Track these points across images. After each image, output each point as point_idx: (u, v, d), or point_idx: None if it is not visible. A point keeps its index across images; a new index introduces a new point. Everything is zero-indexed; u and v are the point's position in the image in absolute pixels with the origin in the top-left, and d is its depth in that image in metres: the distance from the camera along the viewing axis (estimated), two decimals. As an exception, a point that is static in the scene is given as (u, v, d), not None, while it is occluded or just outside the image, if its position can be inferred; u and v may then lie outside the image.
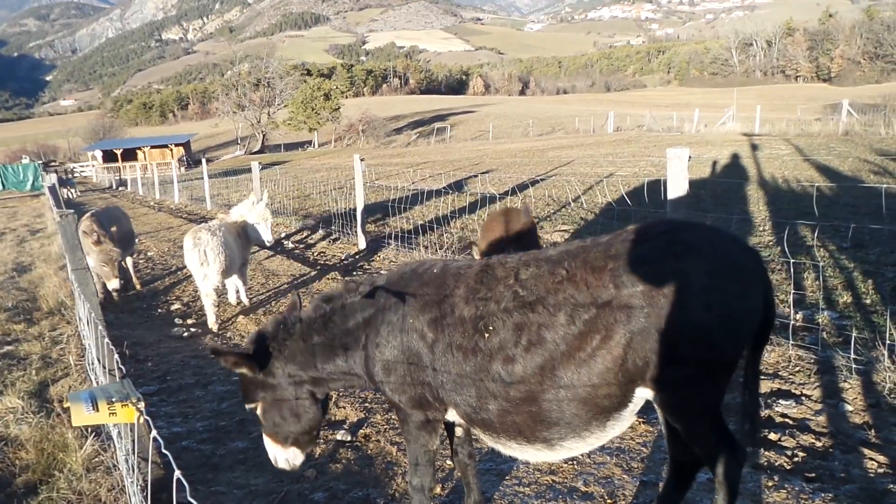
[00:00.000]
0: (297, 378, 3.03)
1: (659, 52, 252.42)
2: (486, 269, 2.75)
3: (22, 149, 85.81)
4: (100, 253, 8.06)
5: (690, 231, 2.52)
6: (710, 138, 28.91)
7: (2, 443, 4.58)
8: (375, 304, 2.92)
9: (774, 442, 3.90)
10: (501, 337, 2.55)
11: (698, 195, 11.98)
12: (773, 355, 5.05)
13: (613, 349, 2.39)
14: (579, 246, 2.65)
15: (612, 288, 2.40)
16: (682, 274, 2.34)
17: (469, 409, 2.69)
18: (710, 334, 2.34)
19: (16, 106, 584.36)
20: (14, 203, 33.97)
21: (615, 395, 2.46)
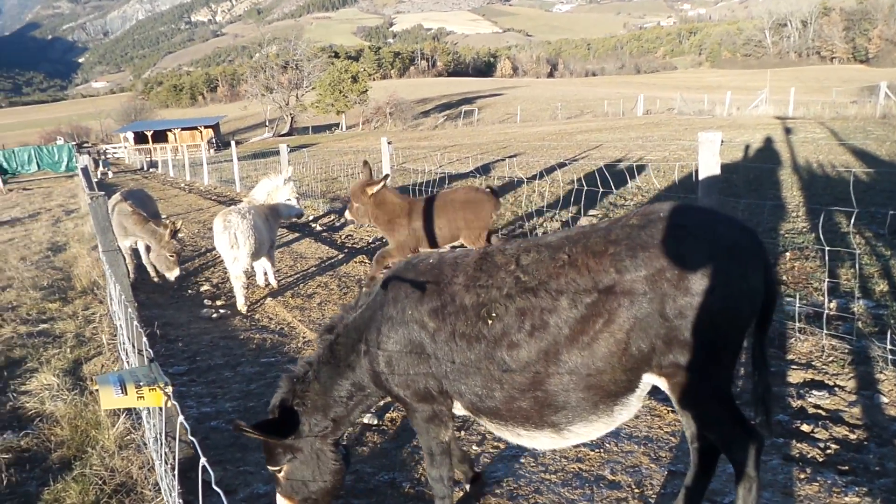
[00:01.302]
0: (322, 429, 3.02)
1: (690, 33, 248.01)
2: (486, 256, 2.76)
3: (56, 130, 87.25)
4: (168, 244, 8.15)
5: (689, 214, 2.53)
6: (743, 122, 28.40)
7: (38, 419, 4.68)
8: (373, 307, 2.93)
9: (807, 433, 3.83)
10: (505, 323, 2.56)
11: (730, 180, 11.77)
12: (807, 345, 4.96)
13: (617, 333, 2.42)
14: (580, 231, 2.66)
15: (614, 272, 2.42)
16: (682, 257, 2.36)
17: (475, 398, 2.71)
18: (713, 316, 2.35)
19: (50, 88, 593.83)
20: (49, 183, 34.61)
21: (620, 379, 2.49)
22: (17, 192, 30.36)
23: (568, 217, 10.33)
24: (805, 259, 7.01)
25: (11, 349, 6.30)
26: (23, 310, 7.72)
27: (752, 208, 9.57)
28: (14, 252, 11.99)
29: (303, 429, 2.99)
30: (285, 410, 3.01)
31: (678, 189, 10.99)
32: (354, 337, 2.98)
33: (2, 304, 8.07)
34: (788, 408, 4.16)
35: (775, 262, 6.99)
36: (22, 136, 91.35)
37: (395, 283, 2.90)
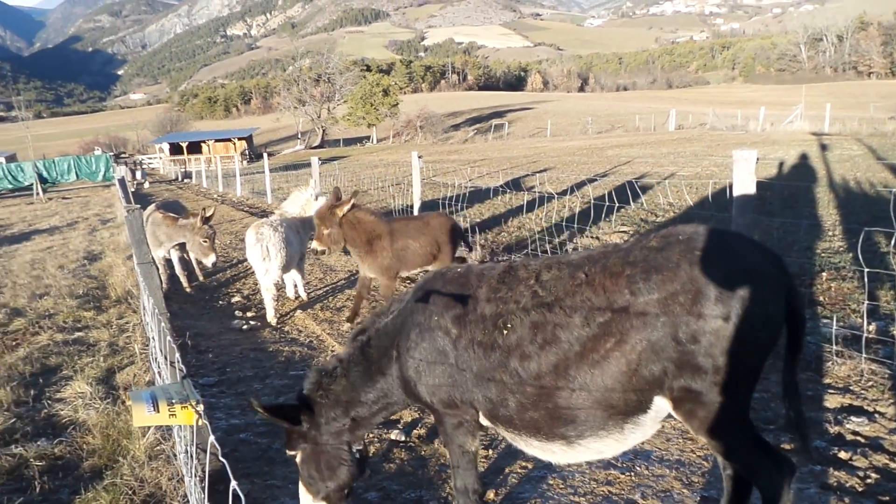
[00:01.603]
0: (339, 425, 3.10)
1: (723, 47, 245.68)
2: (510, 270, 2.83)
3: (94, 140, 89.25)
4: (201, 230, 8.29)
5: (709, 238, 2.48)
6: (777, 137, 28.00)
7: (71, 427, 4.75)
8: (404, 314, 3.01)
9: (845, 461, 3.73)
10: (519, 334, 2.62)
11: (764, 197, 11.59)
12: (845, 369, 4.84)
13: (628, 354, 2.42)
14: (602, 251, 2.69)
15: (628, 294, 2.44)
16: (697, 282, 2.34)
17: (490, 406, 2.77)
18: (727, 343, 2.31)
19: (89, 99, 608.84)
20: (87, 193, 35.37)
21: (630, 399, 2.49)
22: (57, 200, 31.07)
23: (598, 233, 10.26)
24: (842, 280, 6.86)
25: (48, 357, 6.41)
26: (59, 318, 7.87)
27: (787, 227, 9.40)
28: (52, 260, 12.25)
29: (320, 420, 3.08)
30: (305, 399, 3.11)
31: (711, 207, 10.85)
32: (386, 343, 3.06)
33: (40, 312, 8.24)
34: (825, 434, 4.06)
35: (811, 283, 6.85)
36: (62, 146, 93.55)
37: (425, 290, 2.98)
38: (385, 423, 4.67)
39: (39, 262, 12.28)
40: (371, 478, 3.95)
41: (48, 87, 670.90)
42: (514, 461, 4.01)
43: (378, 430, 4.59)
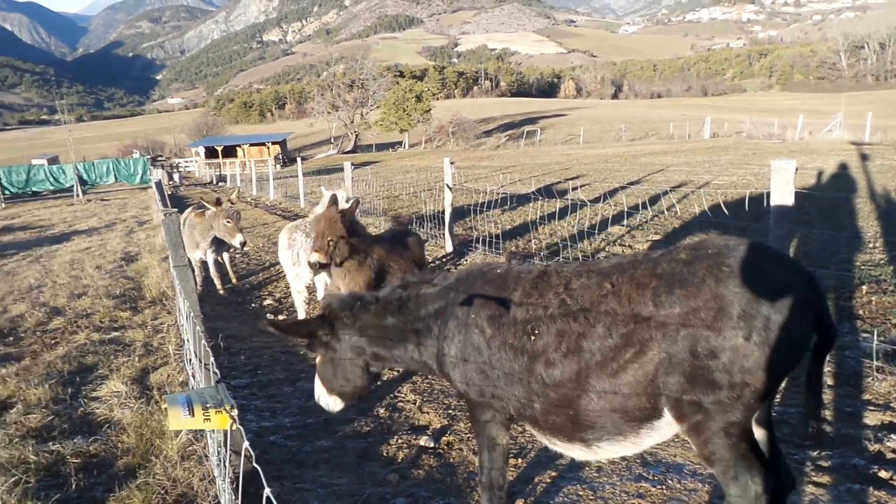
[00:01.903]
0: (359, 349, 3.25)
1: (761, 54, 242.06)
2: (543, 275, 2.87)
3: (133, 144, 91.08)
4: (222, 212, 8.42)
5: (738, 253, 2.43)
6: (815, 147, 27.47)
7: (106, 425, 4.84)
8: (446, 298, 3.10)
9: (885, 481, 3.62)
10: (545, 341, 2.67)
11: (802, 208, 11.37)
12: (885, 385, 4.72)
13: (646, 365, 2.45)
14: (631, 260, 2.69)
15: (652, 306, 2.45)
16: (721, 299, 2.33)
17: (519, 406, 2.84)
18: (746, 362, 2.30)
19: (129, 103, 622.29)
20: (125, 195, 36.08)
21: (646, 407, 2.51)
22: (96, 202, 31.76)
23: (631, 241, 10.16)
24: (883, 293, 6.69)
25: (85, 356, 6.55)
26: (96, 317, 8.04)
27: (826, 238, 9.21)
28: (90, 261, 12.52)
29: (342, 336, 3.24)
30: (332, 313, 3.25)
31: (747, 217, 10.67)
32: (424, 315, 3.15)
33: (78, 311, 8.42)
34: (865, 452, 3.95)
35: (851, 296, 6.70)
36: (101, 149, 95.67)
37: (466, 284, 3.05)
38: (413, 429, 4.68)
39: (78, 262, 12.55)
40: (400, 483, 3.96)
41: (89, 91, 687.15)
42: (543, 471, 3.98)
43: (407, 435, 4.59)
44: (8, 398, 5.49)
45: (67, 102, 64.42)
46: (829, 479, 3.66)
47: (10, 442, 4.57)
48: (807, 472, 3.74)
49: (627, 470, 3.93)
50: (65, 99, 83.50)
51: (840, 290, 6.92)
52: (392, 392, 5.43)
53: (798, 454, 3.94)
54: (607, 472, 3.92)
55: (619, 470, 3.94)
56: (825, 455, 3.90)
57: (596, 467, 3.98)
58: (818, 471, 3.75)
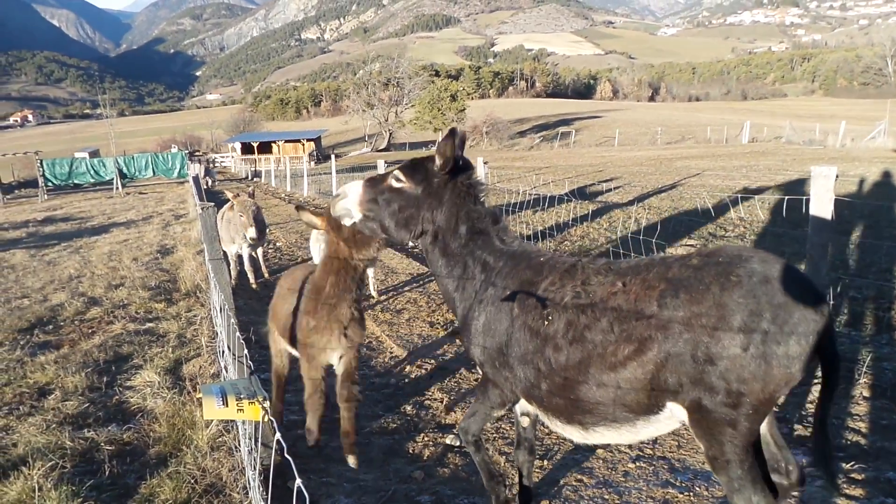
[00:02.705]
0: (433, 218, 3.22)
1: (803, 59, 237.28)
2: (572, 268, 2.94)
3: (171, 139, 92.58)
4: (237, 204, 8.59)
5: (749, 264, 2.43)
6: (857, 154, 26.85)
7: (140, 414, 4.94)
8: (498, 262, 3.15)
9: (921, 497, 3.54)
10: (556, 327, 2.79)
11: (842, 216, 11.13)
12: (923, 399, 4.59)
13: (645, 363, 2.52)
14: (648, 262, 2.75)
15: (656, 307, 2.51)
16: (723, 308, 2.36)
17: (528, 385, 2.96)
18: (742, 372, 2.34)
19: (169, 98, 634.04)
20: (162, 189, 36.77)
21: (643, 401, 2.61)
22: (134, 195, 32.42)
23: (664, 245, 10.04)
24: (924, 305, 6.52)
25: (121, 345, 6.69)
26: (132, 308, 8.21)
27: (866, 247, 9.01)
28: (128, 252, 12.79)
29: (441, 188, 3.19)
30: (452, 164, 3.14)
31: (785, 224, 10.50)
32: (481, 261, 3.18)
33: (115, 302, 8.61)
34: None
35: (890, 306, 6.54)
36: (141, 144, 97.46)
37: (515, 262, 3.11)
38: (439, 428, 4.70)
39: (116, 253, 12.83)
40: (425, 481, 3.97)
41: (131, 86, 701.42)
42: (569, 473, 3.97)
43: (433, 433, 4.61)
44: (46, 384, 5.65)
45: (110, 97, 65.88)
46: (863, 492, 3.58)
47: (47, 427, 4.70)
48: (839, 485, 3.67)
49: (654, 475, 3.90)
50: (107, 94, 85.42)
51: (879, 301, 6.77)
52: (419, 390, 5.45)
53: (831, 466, 3.87)
54: (634, 477, 3.89)
55: (645, 475, 3.91)
56: (858, 468, 3.82)
57: (622, 472, 3.96)
58: (851, 483, 3.67)
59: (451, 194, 3.18)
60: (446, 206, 3.18)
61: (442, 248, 3.24)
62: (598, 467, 4.04)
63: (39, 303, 8.91)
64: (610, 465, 4.06)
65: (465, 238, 3.19)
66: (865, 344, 5.71)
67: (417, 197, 3.20)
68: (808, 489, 3.64)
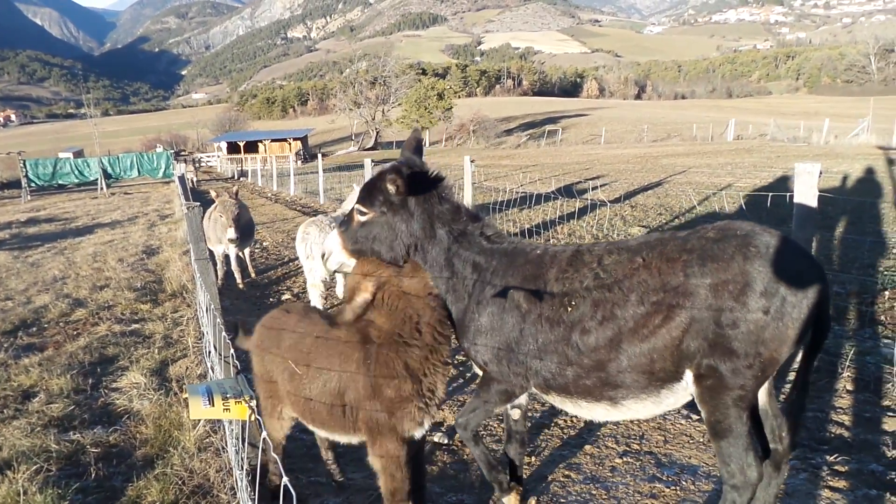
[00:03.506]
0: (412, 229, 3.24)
1: (788, 57, 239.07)
2: (577, 254, 3.03)
3: (156, 138, 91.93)
4: (219, 204, 8.56)
5: (763, 237, 2.66)
6: (841, 151, 27.08)
7: (126, 416, 4.91)
8: (490, 260, 3.18)
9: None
10: (581, 311, 2.86)
11: (826, 212, 11.23)
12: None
13: (673, 330, 2.67)
14: (658, 238, 2.90)
15: (682, 276, 2.67)
16: (747, 275, 2.57)
17: (549, 375, 3.00)
18: (761, 333, 2.55)
19: (154, 98, 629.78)
20: (147, 189, 36.53)
21: (669, 369, 2.75)
22: (119, 195, 32.18)
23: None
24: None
25: (106, 347, 6.65)
26: (118, 309, 8.16)
27: (849, 243, 9.10)
28: (113, 253, 12.70)
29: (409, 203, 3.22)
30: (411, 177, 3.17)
31: (770, 220, 10.57)
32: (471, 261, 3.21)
33: (100, 303, 8.55)
34: (882, 457, 3.91)
35: (873, 301, 6.62)
36: (126, 143, 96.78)
37: (509, 258, 3.16)
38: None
39: (101, 254, 12.74)
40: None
41: (116, 85, 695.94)
42: (556, 470, 3.99)
43: (421, 432, 4.61)
44: (31, 387, 5.60)
45: (94, 97, 65.29)
46: (846, 483, 3.63)
47: (32, 431, 4.66)
48: (823, 477, 3.71)
49: (641, 470, 3.92)
50: (91, 93, 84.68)
51: (862, 296, 6.84)
52: (407, 389, 5.45)
53: (815, 458, 3.91)
54: (621, 472, 3.92)
55: (632, 470, 3.93)
56: (842, 460, 3.86)
57: (610, 467, 3.98)
58: (835, 475, 3.72)
59: (418, 204, 3.22)
60: (417, 217, 3.22)
61: (427, 256, 3.26)
62: (586, 463, 4.06)
63: (23, 305, 8.84)
64: (597, 460, 4.09)
65: (446, 242, 3.23)
66: (849, 338, 5.77)
67: (386, 220, 3.23)
68: (793, 481, 3.68)
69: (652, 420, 4.57)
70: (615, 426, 4.52)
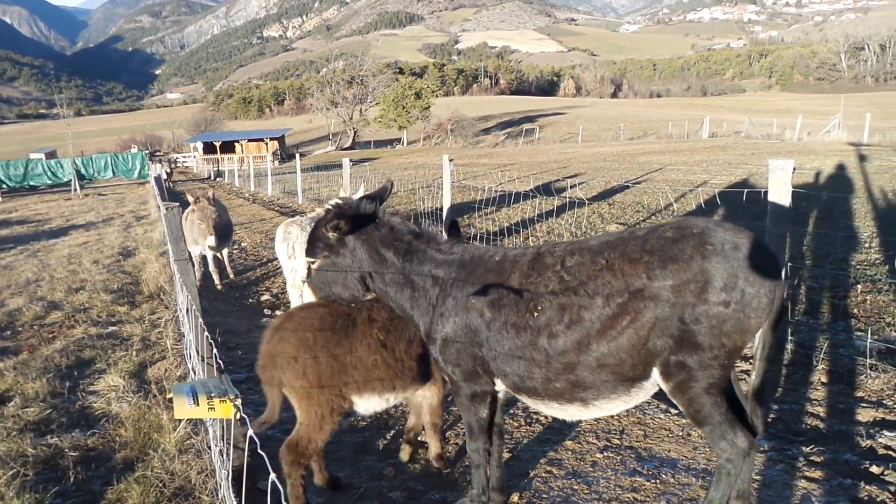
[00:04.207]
0: (359, 264, 3.38)
1: (761, 55, 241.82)
2: (538, 257, 3.08)
3: (131, 138, 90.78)
4: (197, 209, 8.47)
5: (721, 233, 2.75)
6: (814, 147, 27.52)
7: (104, 419, 4.86)
8: (447, 272, 3.25)
9: (876, 476, 3.66)
10: (547, 315, 2.91)
11: (799, 207, 11.41)
12: (878, 382, 4.76)
13: (640, 330, 2.75)
14: (618, 237, 2.95)
15: (645, 278, 2.74)
16: (707, 273, 2.67)
17: (517, 379, 3.07)
18: (723, 326, 2.67)
19: (128, 98, 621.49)
20: (122, 190, 36.06)
21: (638, 368, 2.83)
22: (93, 197, 31.74)
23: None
24: (878, 292, 6.73)
25: (82, 350, 6.57)
26: (94, 311, 8.05)
27: (822, 238, 9.25)
28: (88, 255, 12.53)
29: (348, 242, 3.36)
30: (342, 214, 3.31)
31: (745, 216, 10.73)
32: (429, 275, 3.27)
33: (75, 306, 8.44)
34: (857, 447, 3.99)
35: (846, 295, 6.74)
36: (99, 144, 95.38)
37: (467, 268, 3.22)
38: (410, 425, 4.70)
39: (76, 256, 12.56)
40: (396, 477, 3.98)
41: (88, 85, 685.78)
42: (538, 466, 4.01)
43: (403, 430, 4.61)
44: (6, 392, 5.52)
45: (66, 96, 64.30)
46: (822, 474, 3.70)
47: (7, 435, 4.59)
48: (799, 468, 3.78)
49: (622, 464, 3.97)
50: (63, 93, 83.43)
51: (835, 289, 6.97)
52: (389, 387, 5.44)
53: (791, 449, 3.98)
54: (602, 467, 3.96)
55: (613, 465, 3.97)
56: (818, 451, 3.94)
57: (591, 462, 4.02)
58: (811, 466, 3.79)
59: (356, 237, 3.34)
60: (361, 248, 3.35)
61: (385, 280, 3.37)
62: (567, 459, 4.09)
63: (-4, 308, 8.69)
64: (578, 455, 4.12)
65: (398, 263, 3.33)
66: (822, 331, 5.88)
67: (332, 261, 3.40)
68: (770, 472, 3.75)
69: (632, 415, 4.62)
70: (595, 422, 4.56)
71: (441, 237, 3.46)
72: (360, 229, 3.34)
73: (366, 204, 3.41)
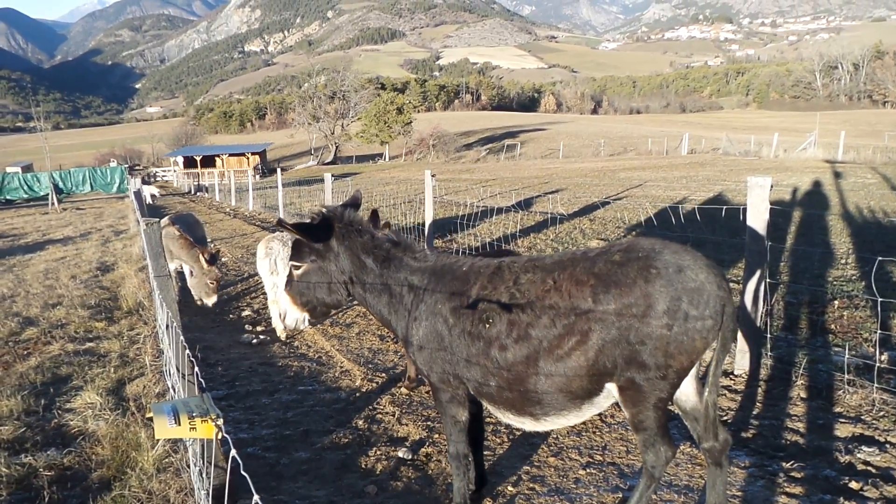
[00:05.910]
0: (342, 269, 3.50)
1: (738, 73, 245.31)
2: (498, 270, 3.21)
3: (110, 153, 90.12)
4: (209, 273, 8.42)
5: (666, 255, 2.85)
6: (790, 164, 27.94)
7: (81, 437, 4.77)
8: (421, 279, 3.39)
9: (855, 491, 3.69)
10: (498, 329, 3.05)
11: (776, 224, 11.55)
12: (856, 398, 4.80)
13: (587, 351, 2.86)
14: (570, 258, 3.06)
15: (591, 301, 2.85)
16: (650, 297, 2.76)
17: (476, 385, 3.22)
18: (668, 346, 2.77)
19: (107, 111, 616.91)
20: (101, 204, 35.67)
21: (586, 386, 2.94)
22: (71, 211, 31.36)
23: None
24: (855, 308, 6.82)
25: (59, 366, 6.46)
26: (71, 328, 7.93)
27: (799, 254, 9.37)
28: (65, 270, 12.35)
29: (333, 246, 3.46)
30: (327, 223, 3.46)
31: (724, 232, 10.85)
32: (405, 282, 3.42)
33: (52, 322, 8.31)
34: (836, 463, 4.02)
35: (823, 311, 6.82)
36: (78, 158, 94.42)
37: (439, 276, 3.36)
38: (391, 441, 4.68)
39: (53, 271, 12.38)
40: (378, 495, 3.95)
41: (67, 99, 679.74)
42: (521, 483, 4.00)
43: (385, 447, 4.59)
44: (-21, 409, 5.40)
45: (44, 110, 63.72)
46: (802, 489, 3.72)
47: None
48: (779, 483, 3.80)
49: (605, 481, 3.97)
50: (41, 106, 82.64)
51: (813, 305, 7.05)
52: (371, 404, 5.42)
53: (771, 465, 4.01)
54: (584, 484, 3.95)
55: (596, 481, 3.97)
56: (798, 466, 3.96)
57: (573, 479, 4.02)
58: (791, 482, 3.81)
59: (341, 242, 3.45)
60: (343, 254, 3.46)
61: (365, 286, 3.49)
62: (550, 475, 4.08)
63: (-30, 324, 8.53)
64: (561, 472, 4.12)
65: (377, 269, 3.46)
66: (801, 347, 5.94)
67: (318, 266, 3.51)
68: (751, 488, 3.77)
69: (614, 431, 4.63)
70: (577, 437, 4.56)
71: (417, 246, 3.58)
72: (344, 234, 3.45)
73: (350, 211, 3.53)
